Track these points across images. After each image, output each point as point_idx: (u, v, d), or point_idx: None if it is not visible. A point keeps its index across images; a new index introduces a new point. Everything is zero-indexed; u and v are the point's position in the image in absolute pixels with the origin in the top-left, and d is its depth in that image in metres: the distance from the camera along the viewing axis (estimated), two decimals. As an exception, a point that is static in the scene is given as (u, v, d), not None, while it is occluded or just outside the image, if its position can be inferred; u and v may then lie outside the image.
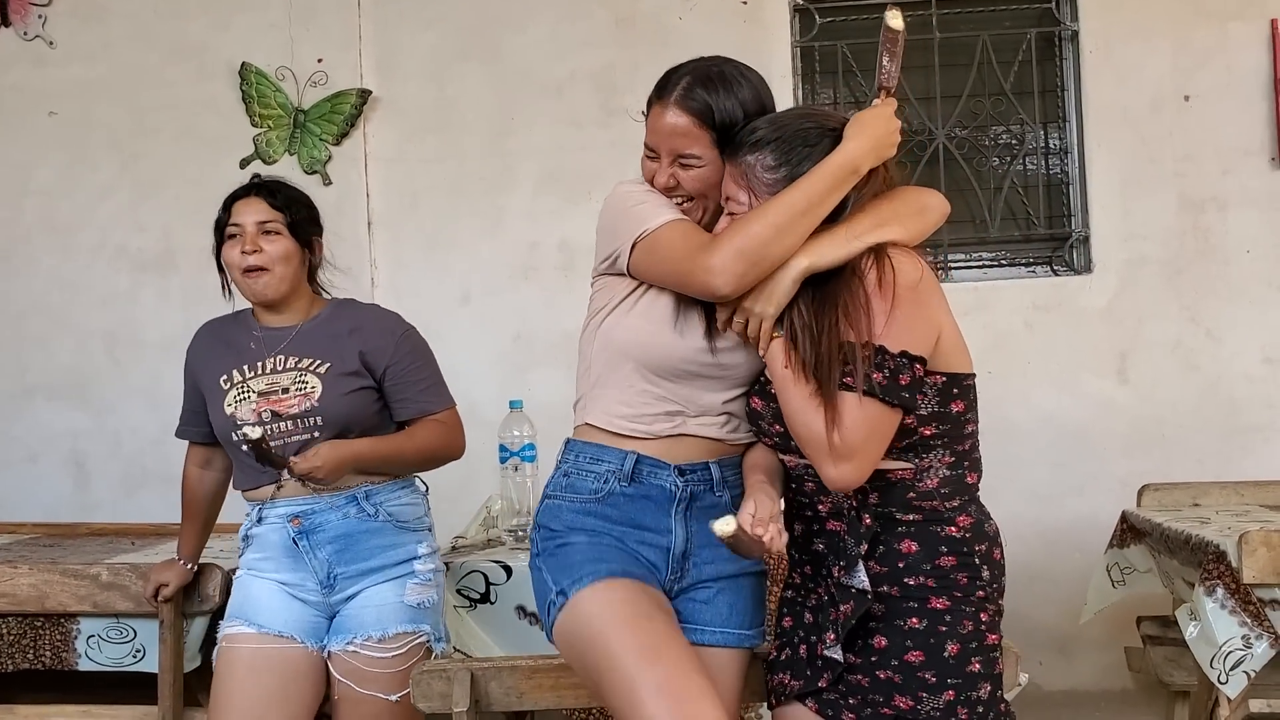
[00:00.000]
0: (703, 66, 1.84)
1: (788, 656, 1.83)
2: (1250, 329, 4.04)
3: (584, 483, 1.86)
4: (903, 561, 1.73)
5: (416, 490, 2.42)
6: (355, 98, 4.21)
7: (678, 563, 1.85)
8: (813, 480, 1.76)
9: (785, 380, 1.69)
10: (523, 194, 4.18)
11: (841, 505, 1.75)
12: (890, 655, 1.72)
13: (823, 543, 1.79)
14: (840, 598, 1.73)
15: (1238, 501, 3.25)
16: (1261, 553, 2.45)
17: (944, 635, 1.71)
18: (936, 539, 1.73)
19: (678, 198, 1.85)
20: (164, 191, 4.27)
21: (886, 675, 1.72)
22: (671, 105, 1.81)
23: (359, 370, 2.33)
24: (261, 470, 2.28)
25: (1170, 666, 3.11)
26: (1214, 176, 4.05)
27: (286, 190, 2.40)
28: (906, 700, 1.71)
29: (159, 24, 4.29)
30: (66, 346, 4.32)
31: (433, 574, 2.39)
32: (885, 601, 1.73)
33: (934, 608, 1.72)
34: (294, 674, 2.28)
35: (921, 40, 4.14)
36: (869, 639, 1.74)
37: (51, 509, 4.02)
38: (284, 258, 2.33)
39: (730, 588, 1.89)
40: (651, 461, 1.84)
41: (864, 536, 1.73)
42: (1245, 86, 4.04)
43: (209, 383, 2.37)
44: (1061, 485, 3.97)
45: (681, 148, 1.81)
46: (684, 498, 1.85)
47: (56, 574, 2.65)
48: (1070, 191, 4.22)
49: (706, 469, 1.86)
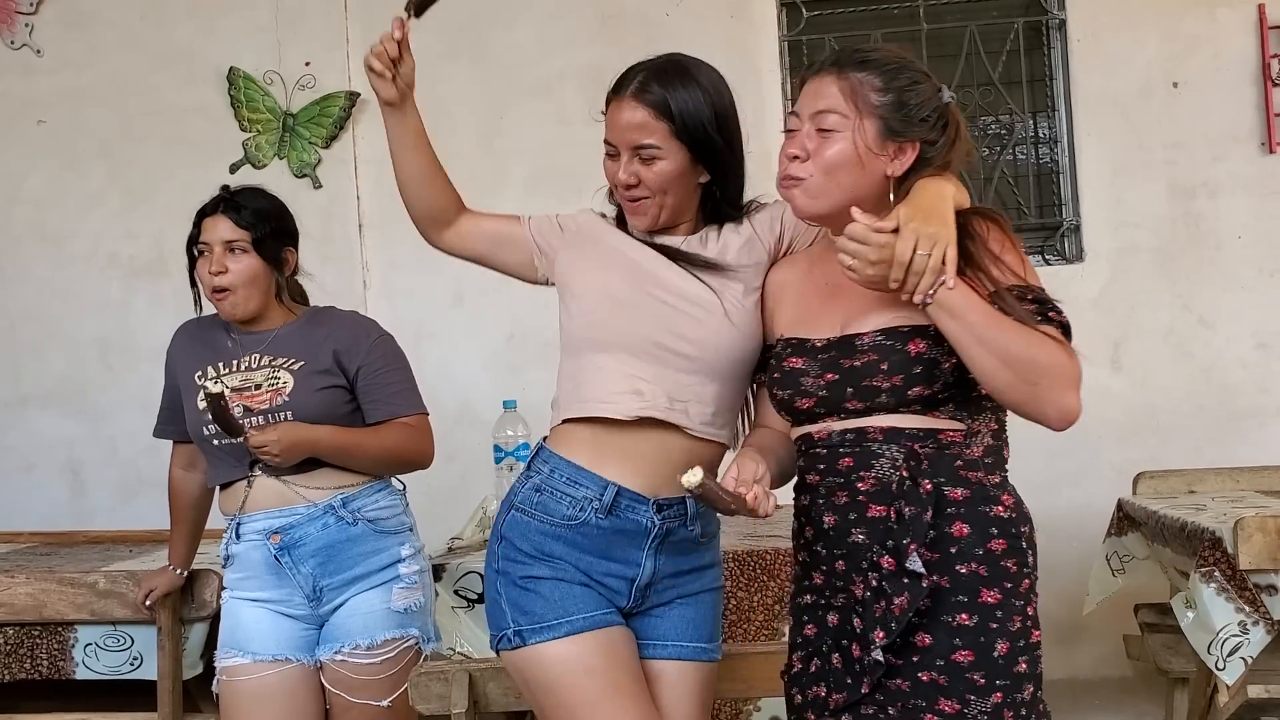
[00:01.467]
0: (658, 62, 1.85)
1: (818, 668, 1.70)
2: (1243, 315, 4.04)
3: (558, 505, 1.82)
4: (955, 546, 1.62)
5: (394, 492, 2.40)
6: (344, 100, 4.21)
7: (640, 592, 1.84)
8: (851, 453, 1.66)
9: (997, 317, 1.56)
10: (513, 193, 4.17)
11: (889, 480, 1.63)
12: (935, 655, 1.61)
13: (863, 532, 1.65)
14: (893, 589, 1.59)
15: (1233, 487, 3.26)
16: (1257, 538, 2.45)
17: (994, 633, 1.62)
18: (986, 520, 1.64)
19: (640, 195, 1.84)
20: (154, 198, 4.27)
21: (930, 677, 1.61)
22: (628, 99, 1.82)
23: (331, 369, 2.32)
24: (221, 446, 2.27)
25: (1169, 654, 3.12)
26: (1204, 163, 4.06)
27: (255, 204, 2.36)
28: (952, 704, 1.59)
29: (146, 30, 4.28)
30: (60, 355, 4.32)
31: (418, 576, 2.37)
32: (933, 594, 1.61)
33: (985, 602, 1.62)
34: (296, 693, 2.29)
35: (909, 32, 4.14)
36: (910, 636, 1.62)
37: (48, 517, 4.02)
38: (250, 279, 2.32)
39: (689, 603, 1.88)
40: (631, 495, 1.81)
41: (927, 503, 1.60)
42: (1234, 73, 4.04)
43: (184, 380, 2.37)
44: (1057, 475, 3.97)
45: (640, 139, 1.81)
46: (659, 534, 1.82)
47: (53, 582, 2.64)
48: (1060, 180, 4.22)
49: (683, 505, 1.83)
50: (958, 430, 1.65)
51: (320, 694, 2.31)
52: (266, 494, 2.29)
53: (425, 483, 2.49)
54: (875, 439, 1.65)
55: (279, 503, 2.28)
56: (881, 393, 1.64)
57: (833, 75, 1.67)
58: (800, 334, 1.75)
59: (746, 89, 4.09)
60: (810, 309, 1.77)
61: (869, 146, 1.64)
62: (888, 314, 1.66)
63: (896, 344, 1.64)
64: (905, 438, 1.64)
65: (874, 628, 1.59)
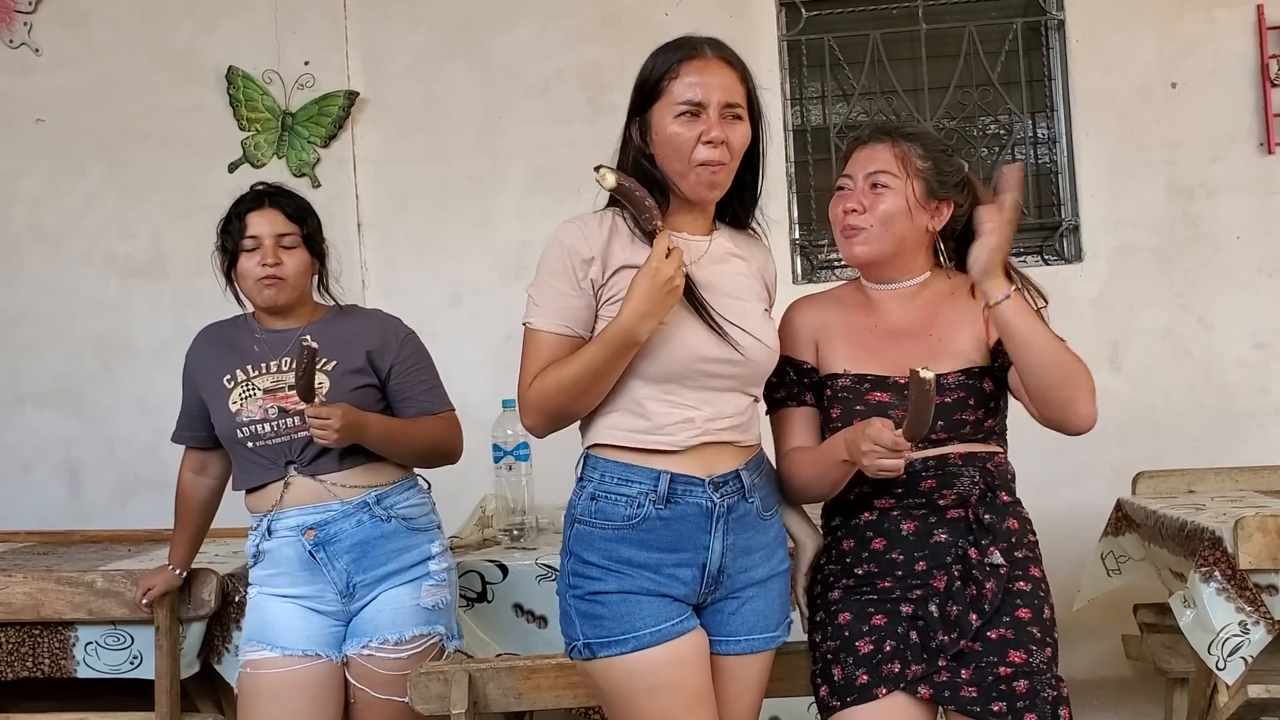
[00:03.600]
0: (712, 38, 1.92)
1: (893, 647, 1.87)
2: (1241, 315, 4.05)
3: (615, 508, 1.82)
4: (1013, 537, 1.93)
5: (421, 489, 2.42)
6: (343, 100, 4.21)
7: (713, 578, 1.85)
8: (934, 476, 1.91)
9: (1046, 328, 1.84)
10: (512, 193, 4.18)
11: (969, 493, 1.91)
12: (1002, 614, 1.86)
13: (944, 532, 1.91)
14: (983, 577, 1.87)
15: (1232, 487, 3.25)
16: (1257, 538, 2.45)
17: (1042, 599, 1.91)
18: (1023, 518, 1.98)
19: (722, 160, 1.82)
20: (152, 197, 4.26)
21: (999, 634, 1.85)
22: (715, 60, 1.85)
23: (364, 368, 2.34)
24: (255, 448, 2.28)
25: (1168, 654, 3.11)
26: (1202, 163, 4.06)
27: (297, 200, 2.41)
28: (1020, 654, 1.83)
29: (144, 29, 4.28)
30: (58, 354, 4.31)
31: (446, 573, 2.39)
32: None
33: (1033, 575, 1.93)
34: (320, 690, 2.29)
35: (908, 32, 4.14)
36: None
37: (45, 517, 4.01)
38: (302, 271, 2.36)
39: (758, 594, 1.89)
40: (685, 479, 1.82)
41: (1005, 512, 1.94)
42: (1232, 73, 4.05)
43: (211, 384, 2.36)
44: (1055, 474, 3.97)
45: (732, 98, 1.83)
46: (721, 513, 1.83)
47: (51, 582, 2.64)
48: (1059, 181, 4.22)
49: (737, 477, 1.85)
50: (1003, 453, 2.00)
51: (342, 691, 2.31)
52: (302, 492, 2.30)
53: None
54: (955, 463, 1.92)
55: (314, 500, 2.29)
56: (967, 425, 1.92)
57: (885, 143, 1.98)
58: (873, 370, 1.96)
59: (746, 89, 4.12)
60: (873, 348, 1.99)
61: (918, 201, 1.95)
62: (959, 357, 1.94)
63: (976, 382, 1.93)
64: (979, 460, 1.94)
65: (968, 612, 1.86)
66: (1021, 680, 1.80)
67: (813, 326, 2.04)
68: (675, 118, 1.82)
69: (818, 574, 2.03)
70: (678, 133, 1.82)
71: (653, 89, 1.85)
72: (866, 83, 4.23)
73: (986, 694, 1.80)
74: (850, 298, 2.08)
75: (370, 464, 2.32)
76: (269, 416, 2.29)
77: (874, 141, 1.99)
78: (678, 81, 1.83)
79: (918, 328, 1.97)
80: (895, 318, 2.00)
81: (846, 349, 2.00)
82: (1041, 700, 1.78)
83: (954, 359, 1.93)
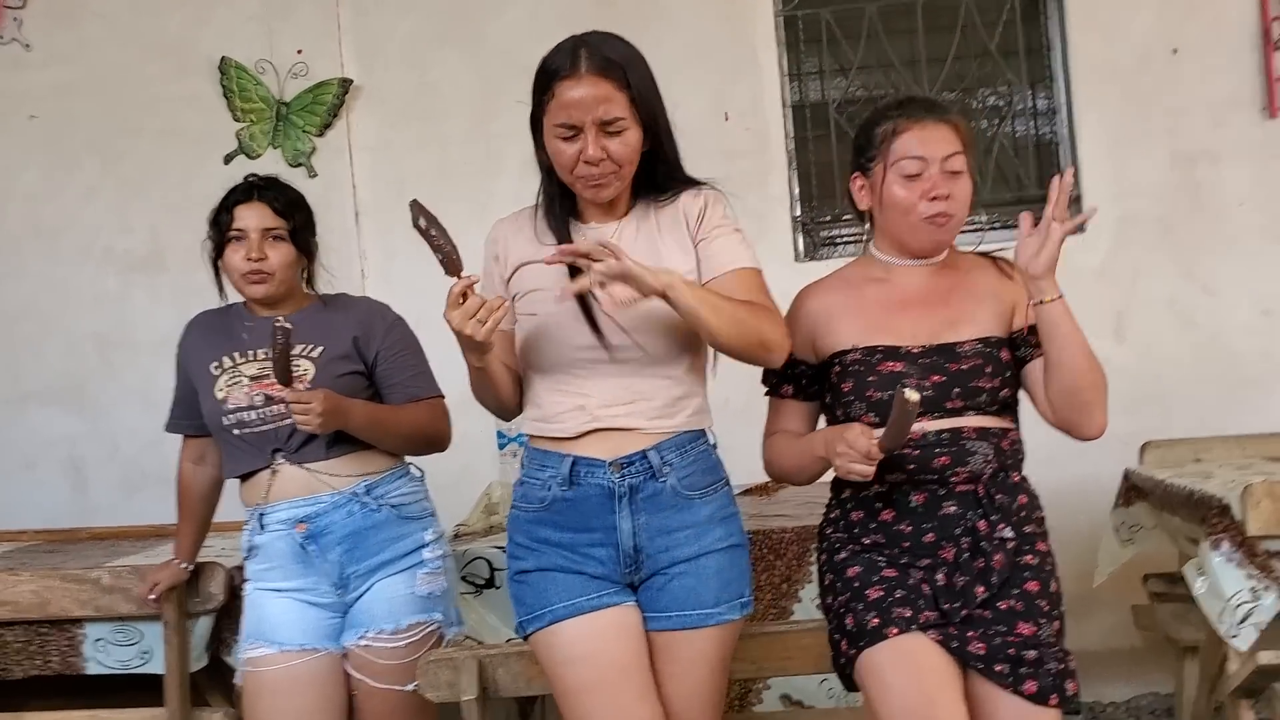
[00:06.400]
0: (593, 37, 1.85)
1: (903, 595, 1.91)
2: (1246, 282, 4.02)
3: (534, 491, 1.92)
4: (1023, 512, 1.97)
5: (414, 478, 2.42)
6: (337, 88, 4.18)
7: (630, 557, 1.88)
8: (948, 452, 1.92)
9: (1085, 338, 1.90)
10: (509, 177, 4.14)
11: (982, 471, 1.93)
12: (1011, 586, 1.90)
13: (954, 504, 1.93)
14: (991, 550, 1.90)
15: (1240, 455, 3.24)
16: (1266, 505, 2.44)
17: (1049, 573, 1.95)
18: (1033, 494, 2.02)
19: (608, 170, 1.84)
20: (149, 191, 4.24)
21: (1008, 605, 1.88)
22: (586, 76, 1.80)
23: (350, 354, 2.34)
24: (242, 435, 2.27)
25: (1178, 623, 3.11)
26: (1205, 130, 4.02)
27: (288, 193, 2.40)
28: (1029, 626, 1.86)
29: (136, 21, 4.25)
30: (58, 351, 4.30)
31: (441, 560, 2.39)
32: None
33: (1040, 549, 1.97)
34: (323, 683, 2.29)
35: (904, 4, 4.10)
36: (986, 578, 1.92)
37: (50, 515, 4.01)
38: (287, 265, 2.36)
39: (688, 570, 1.89)
40: (587, 462, 1.87)
41: (1017, 491, 1.98)
42: (1233, 38, 4.00)
43: (199, 371, 2.37)
44: (1062, 447, 3.89)
45: (608, 113, 1.81)
46: (623, 493, 1.86)
47: (57, 579, 2.64)
48: (1060, 151, 4.19)
49: (644, 458, 1.87)
50: (1015, 429, 2.02)
51: (344, 682, 2.31)
52: (291, 483, 2.29)
53: (429, 470, 2.48)
54: (969, 437, 1.93)
55: (304, 491, 2.29)
56: (983, 393, 1.93)
57: (946, 124, 1.97)
58: (884, 341, 1.96)
59: (743, 65, 4.11)
60: (883, 321, 1.99)
61: (976, 180, 2.00)
62: (977, 325, 1.97)
63: (994, 350, 1.95)
64: (992, 435, 1.95)
65: (975, 584, 1.89)
66: (1030, 650, 1.84)
67: (811, 318, 2.06)
68: (556, 137, 1.85)
69: (824, 542, 2.06)
70: (561, 149, 1.85)
71: (537, 104, 1.87)
72: (864, 56, 4.20)
73: (993, 655, 1.84)
74: (857, 274, 2.09)
75: (359, 452, 2.31)
76: (255, 404, 2.28)
77: (931, 120, 1.97)
78: (553, 102, 1.83)
79: (936, 297, 2.01)
80: (914, 289, 2.03)
81: (855, 324, 2.01)
82: (1045, 672, 1.82)
83: (973, 327, 1.98)
